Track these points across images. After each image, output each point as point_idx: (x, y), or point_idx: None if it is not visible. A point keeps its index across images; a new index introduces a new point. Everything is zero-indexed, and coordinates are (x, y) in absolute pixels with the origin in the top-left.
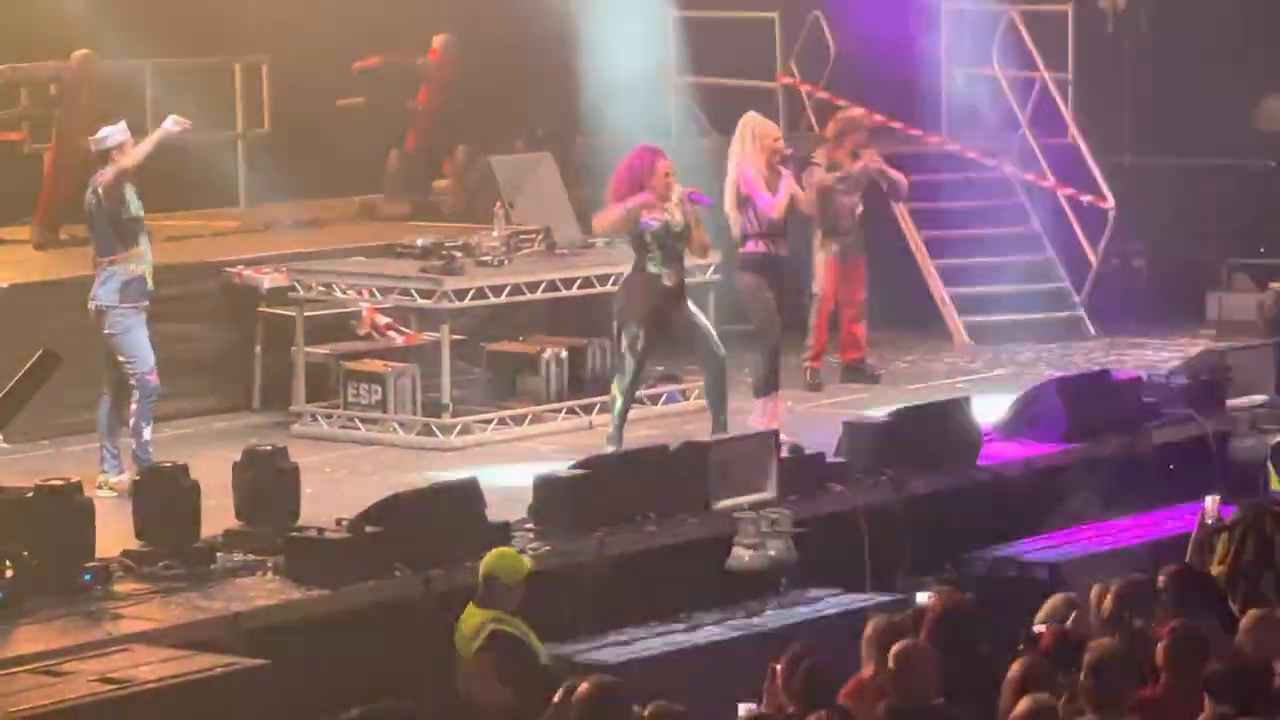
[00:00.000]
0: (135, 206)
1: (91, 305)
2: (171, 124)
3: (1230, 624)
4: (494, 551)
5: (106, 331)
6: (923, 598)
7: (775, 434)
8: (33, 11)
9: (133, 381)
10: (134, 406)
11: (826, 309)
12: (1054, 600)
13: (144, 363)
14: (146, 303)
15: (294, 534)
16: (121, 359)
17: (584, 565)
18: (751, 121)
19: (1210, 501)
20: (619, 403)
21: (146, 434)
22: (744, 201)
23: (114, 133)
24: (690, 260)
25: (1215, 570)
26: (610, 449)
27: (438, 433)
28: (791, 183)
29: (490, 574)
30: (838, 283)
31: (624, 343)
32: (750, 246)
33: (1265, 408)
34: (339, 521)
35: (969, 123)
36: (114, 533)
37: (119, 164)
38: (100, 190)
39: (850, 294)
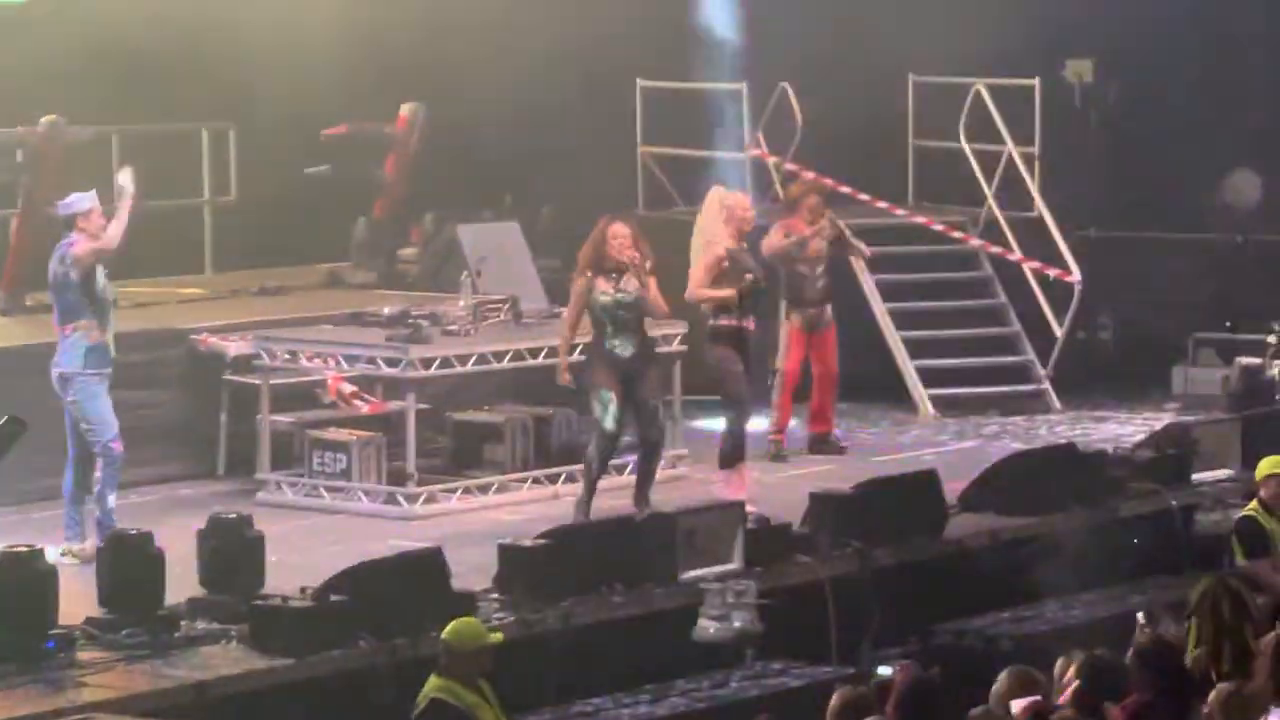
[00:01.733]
0: (103, 281)
1: (54, 372)
2: (127, 181)
3: (1199, 699)
4: (455, 621)
5: (70, 399)
6: (886, 671)
7: (741, 505)
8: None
9: (96, 449)
10: (98, 474)
11: (791, 383)
12: (1011, 673)
13: (107, 430)
14: (109, 370)
15: (258, 602)
16: (85, 426)
17: (550, 635)
18: (720, 194)
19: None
20: (593, 470)
21: (111, 501)
22: (713, 274)
23: (81, 199)
24: (656, 329)
25: (1192, 654)
26: (578, 517)
27: (403, 501)
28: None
29: (449, 643)
30: (805, 355)
31: (596, 410)
32: (721, 319)
33: (1230, 482)
34: (303, 590)
35: (935, 195)
36: (77, 600)
37: (98, 244)
38: (70, 260)
39: (821, 366)
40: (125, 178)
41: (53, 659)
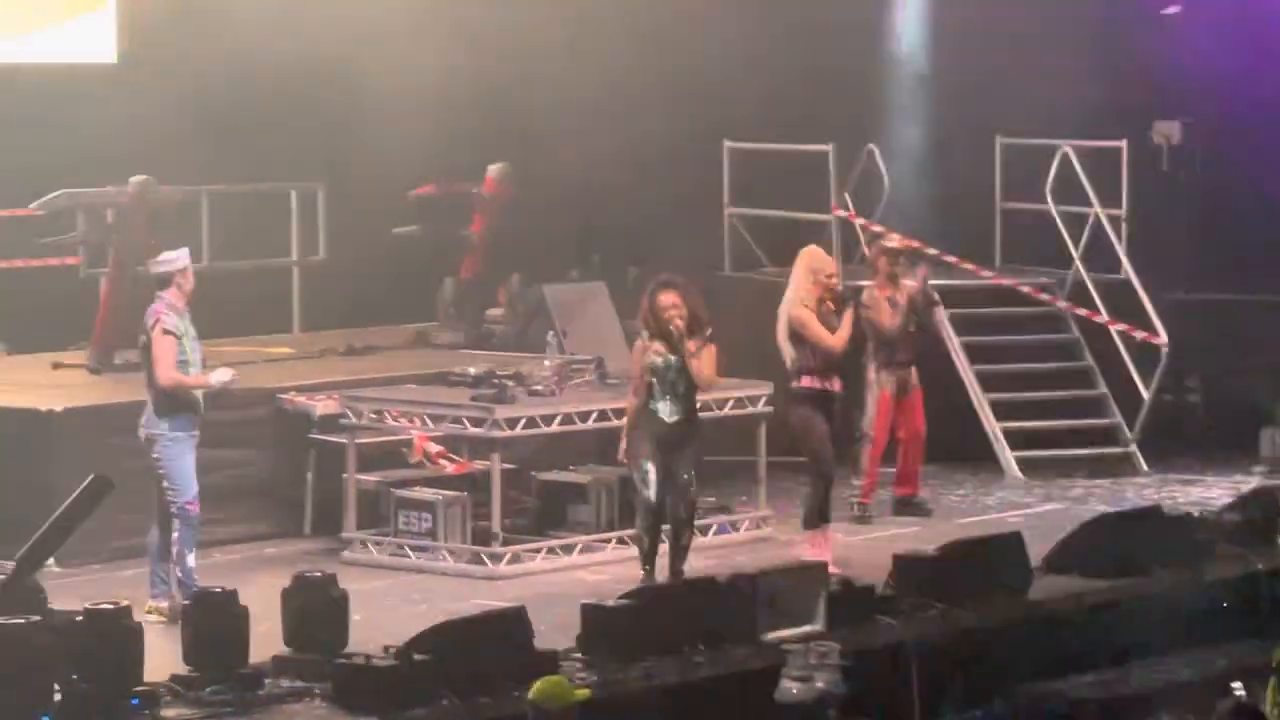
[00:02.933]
0: (191, 344)
1: (141, 433)
2: (226, 376)
3: None
4: (542, 680)
5: (154, 457)
6: None
7: (825, 566)
8: (91, 138)
9: (174, 510)
10: (176, 535)
11: (880, 447)
12: None
13: (186, 492)
14: (196, 432)
15: (342, 661)
16: (165, 485)
17: (632, 695)
18: (809, 256)
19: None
20: (645, 542)
21: (190, 561)
22: (797, 336)
23: (177, 257)
24: (742, 389)
25: (1271, 713)
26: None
27: (487, 561)
28: (850, 318)
29: (536, 702)
30: (893, 417)
31: (636, 481)
32: (805, 381)
33: None
34: (387, 649)
35: (1022, 257)
36: (162, 657)
37: (173, 378)
38: (152, 332)
39: (909, 428)
40: (224, 375)
41: (138, 716)
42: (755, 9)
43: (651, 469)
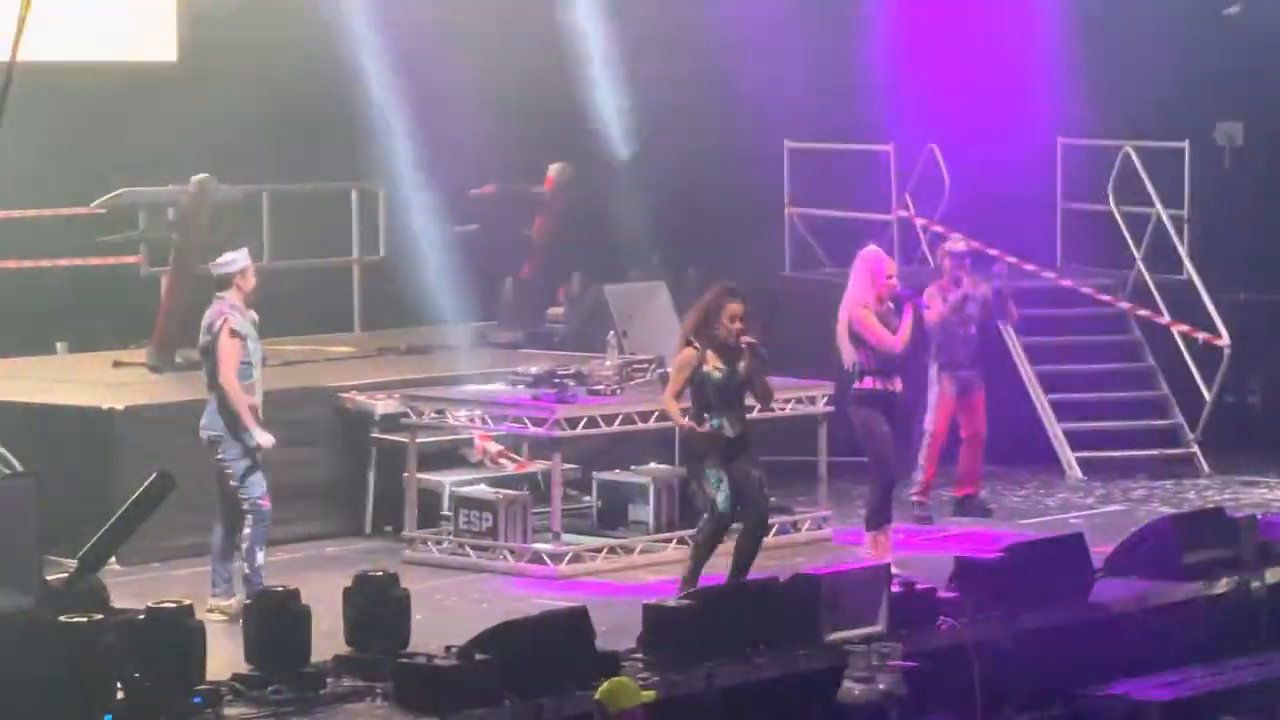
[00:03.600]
0: (254, 344)
1: (203, 434)
2: (268, 441)
3: None
4: (609, 680)
5: (219, 458)
6: None
7: (887, 567)
8: (152, 136)
9: (245, 506)
10: (247, 531)
11: (939, 444)
12: None
13: (256, 488)
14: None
15: (404, 660)
16: (234, 484)
17: (693, 697)
18: (869, 256)
19: None
20: (704, 551)
21: (259, 558)
22: (857, 337)
23: (237, 258)
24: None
25: None
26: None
27: (548, 561)
28: (909, 318)
29: (603, 703)
30: (955, 416)
31: (709, 490)
32: (866, 382)
33: None
34: (448, 649)
35: (1084, 257)
36: (224, 656)
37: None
38: (218, 334)
39: (970, 428)
40: (267, 439)
41: (200, 715)
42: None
43: (724, 478)
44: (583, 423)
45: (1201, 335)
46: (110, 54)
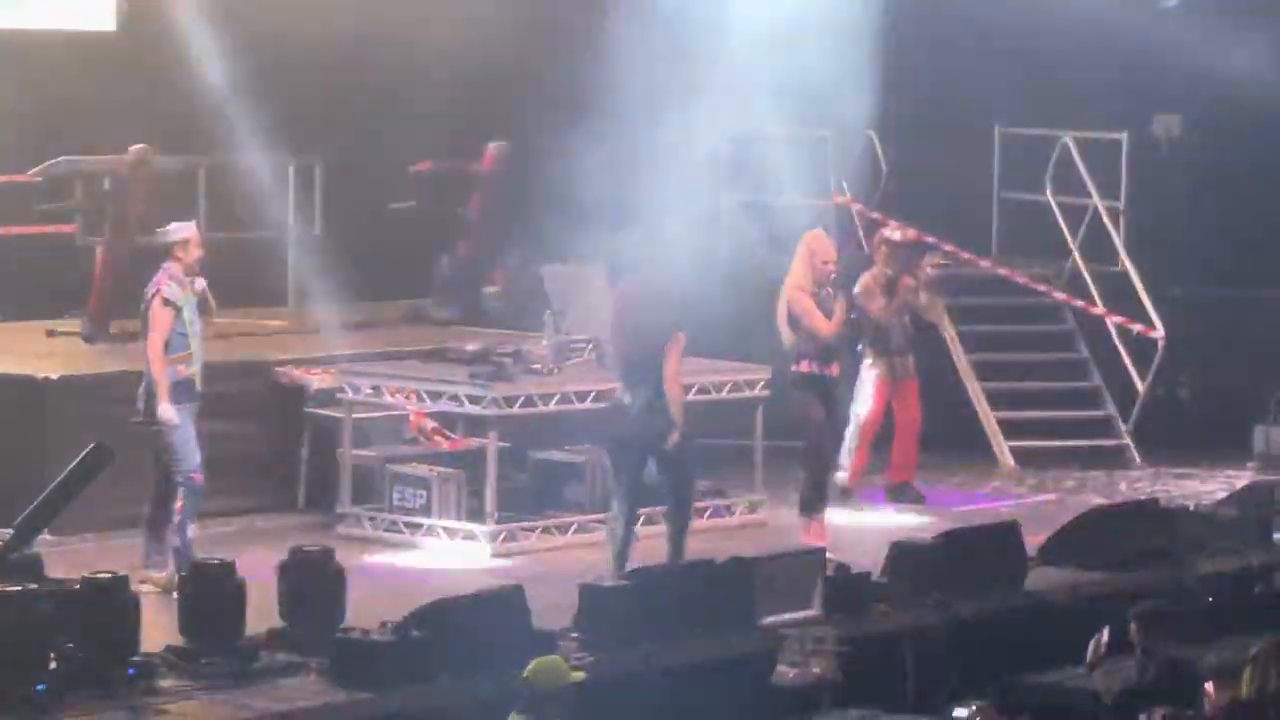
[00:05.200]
0: (192, 315)
1: (141, 403)
2: (167, 414)
3: None
4: (538, 659)
5: (154, 429)
6: (961, 713)
7: (822, 551)
8: (89, 106)
9: (178, 479)
10: (179, 504)
11: (871, 430)
12: None
13: (188, 461)
14: (196, 403)
15: (339, 636)
16: (167, 457)
17: (628, 676)
18: (810, 239)
19: (1104, 632)
20: (621, 527)
21: (191, 532)
22: (796, 320)
23: (180, 228)
24: (739, 374)
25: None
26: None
27: (482, 539)
28: (843, 306)
29: (531, 680)
30: (887, 403)
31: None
32: (804, 366)
33: None
34: (383, 624)
35: (1020, 247)
36: (158, 628)
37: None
38: (150, 301)
39: (905, 415)
40: (168, 413)
41: (134, 687)
42: None
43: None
44: (520, 401)
45: (1136, 327)
46: (48, 22)
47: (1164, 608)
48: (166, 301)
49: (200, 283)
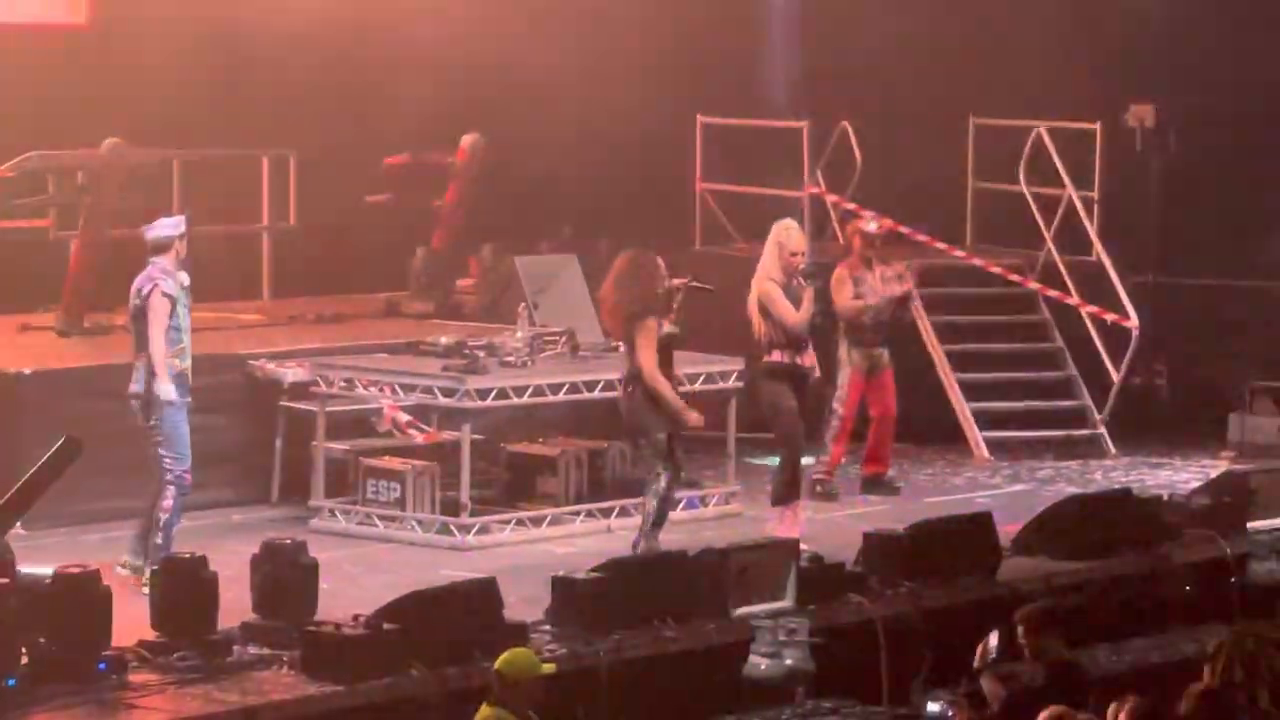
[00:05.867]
0: (183, 311)
1: (133, 400)
2: (166, 393)
3: None
4: (508, 651)
5: (149, 425)
6: (934, 708)
7: (795, 543)
8: (62, 99)
9: (169, 478)
10: (167, 502)
11: (849, 423)
12: (1052, 713)
13: (184, 460)
14: (189, 399)
15: (311, 629)
16: (163, 453)
17: (600, 668)
18: (780, 230)
19: (992, 637)
20: (655, 506)
21: (175, 530)
22: (764, 310)
23: (176, 223)
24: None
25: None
26: (636, 551)
27: (455, 532)
28: (810, 297)
29: (501, 673)
30: (864, 395)
31: (650, 451)
32: (775, 356)
33: None
34: (356, 618)
35: (994, 237)
36: (130, 622)
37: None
38: (148, 296)
39: (880, 406)
40: (168, 391)
41: (104, 680)
42: None
43: (666, 440)
44: (493, 394)
45: (1110, 317)
46: (19, 16)
47: (1051, 608)
48: (165, 294)
49: (184, 277)
